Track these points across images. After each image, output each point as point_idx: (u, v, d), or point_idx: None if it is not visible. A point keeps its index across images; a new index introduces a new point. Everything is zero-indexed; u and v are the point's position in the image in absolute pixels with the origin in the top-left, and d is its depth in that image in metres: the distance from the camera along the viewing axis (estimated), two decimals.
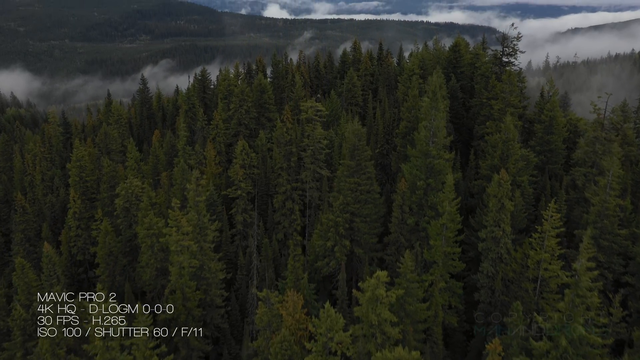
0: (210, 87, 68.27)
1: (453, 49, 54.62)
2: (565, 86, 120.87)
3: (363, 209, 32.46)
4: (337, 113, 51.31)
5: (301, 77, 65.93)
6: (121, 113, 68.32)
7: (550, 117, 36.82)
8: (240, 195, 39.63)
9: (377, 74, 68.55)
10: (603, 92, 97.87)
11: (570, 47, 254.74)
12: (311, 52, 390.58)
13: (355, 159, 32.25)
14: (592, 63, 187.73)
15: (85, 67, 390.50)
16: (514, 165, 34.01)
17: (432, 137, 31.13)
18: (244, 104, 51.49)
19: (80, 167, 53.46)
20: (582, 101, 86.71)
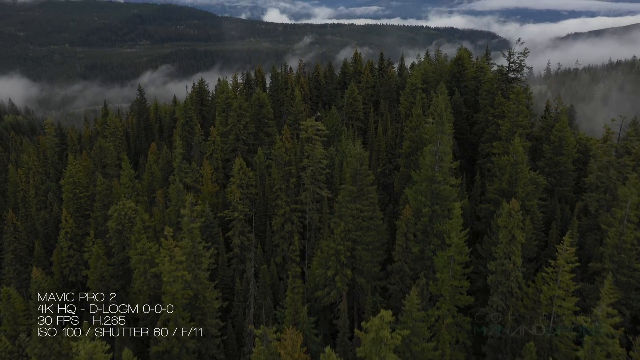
0: (208, 99, 66.93)
1: (456, 62, 53.32)
2: (567, 95, 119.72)
3: (365, 237, 30.95)
4: (338, 128, 49.92)
5: (301, 89, 64.61)
6: (117, 125, 66.91)
7: (560, 138, 35.41)
8: (237, 217, 38.12)
9: (378, 86, 67.25)
10: (607, 101, 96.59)
11: (570, 53, 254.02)
12: (311, 56, 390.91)
13: (357, 183, 30.78)
14: (594, 70, 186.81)
15: (85, 72, 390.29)
16: (523, 189, 32.55)
17: (438, 161, 29.69)
18: (242, 119, 50.09)
19: (73, 183, 52.01)
20: (587, 113, 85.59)
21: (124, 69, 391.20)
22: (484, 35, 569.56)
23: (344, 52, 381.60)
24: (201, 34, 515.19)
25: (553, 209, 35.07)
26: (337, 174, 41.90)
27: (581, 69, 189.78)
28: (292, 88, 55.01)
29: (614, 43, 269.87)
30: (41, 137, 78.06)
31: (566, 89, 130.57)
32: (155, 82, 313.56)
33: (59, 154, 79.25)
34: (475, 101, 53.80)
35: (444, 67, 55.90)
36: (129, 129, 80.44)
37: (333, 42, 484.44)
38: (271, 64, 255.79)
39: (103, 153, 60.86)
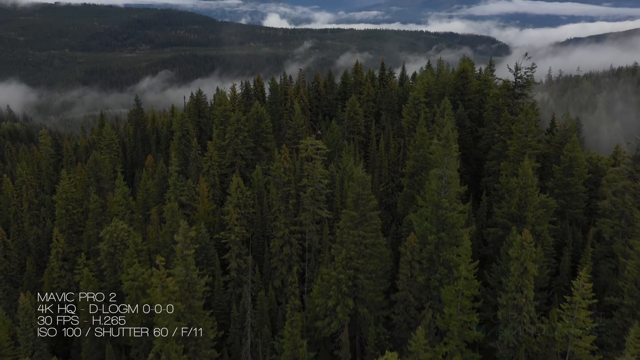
0: (206, 110, 65.57)
1: (460, 75, 52.00)
2: (570, 104, 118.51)
3: (368, 265, 29.41)
4: (339, 143, 48.50)
5: (300, 100, 63.27)
6: (113, 137, 65.50)
7: (571, 159, 33.95)
8: (234, 240, 36.58)
9: (379, 97, 65.92)
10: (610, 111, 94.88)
11: (571, 59, 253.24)
12: (311, 61, 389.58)
13: (359, 209, 29.28)
14: (595, 76, 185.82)
15: (85, 77, 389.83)
16: (533, 213, 31.06)
17: (445, 186, 28.20)
18: (240, 134, 48.69)
19: (66, 199, 50.46)
20: (591, 123, 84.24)
21: (123, 74, 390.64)
22: (483, 40, 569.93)
23: (344, 57, 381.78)
24: (201, 38, 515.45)
25: (564, 232, 33.56)
26: (338, 192, 40.42)
27: (582, 75, 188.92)
28: (291, 101, 53.63)
29: (615, 49, 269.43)
30: (36, 149, 76.56)
31: (568, 98, 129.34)
32: (155, 87, 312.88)
33: (55, 164, 77.80)
34: (480, 115, 52.45)
35: (447, 80, 54.57)
36: (125, 139, 79.12)
37: (333, 47, 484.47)
38: (271, 69, 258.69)
39: (97, 167, 59.39)
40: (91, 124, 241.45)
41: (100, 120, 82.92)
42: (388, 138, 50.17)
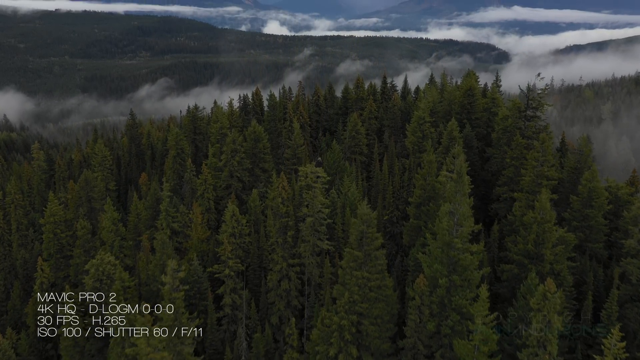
0: (202, 126, 63.26)
1: (466, 93, 49.82)
2: (575, 116, 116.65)
3: (373, 309, 26.95)
4: (340, 165, 46.19)
5: (300, 117, 61.09)
6: (105, 154, 63.14)
7: (590, 189, 31.62)
8: (229, 274, 34.12)
9: (381, 112, 63.78)
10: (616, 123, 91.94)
11: (572, 68, 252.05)
12: (311, 68, 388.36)
13: (363, 248, 26.88)
14: (597, 86, 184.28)
15: (85, 84, 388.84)
16: (551, 251, 28.65)
17: (457, 225, 25.83)
18: (236, 155, 46.39)
19: (54, 223, 48.11)
20: (597, 136, 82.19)
21: (123, 81, 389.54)
22: (483, 47, 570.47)
23: (344, 65, 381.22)
24: (201, 45, 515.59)
25: (583, 269, 31.13)
26: (339, 220, 38.02)
27: (584, 85, 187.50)
28: (290, 119, 51.44)
29: (617, 58, 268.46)
30: (26, 165, 74.18)
31: (572, 109, 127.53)
32: (154, 95, 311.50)
33: (47, 180, 75.46)
34: (488, 134, 50.22)
35: (452, 97, 52.42)
36: (120, 153, 76.79)
37: (333, 54, 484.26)
38: (271, 77, 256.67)
39: (89, 186, 57.06)
40: (89, 132, 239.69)
41: (94, 134, 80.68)
42: (392, 159, 47.86)
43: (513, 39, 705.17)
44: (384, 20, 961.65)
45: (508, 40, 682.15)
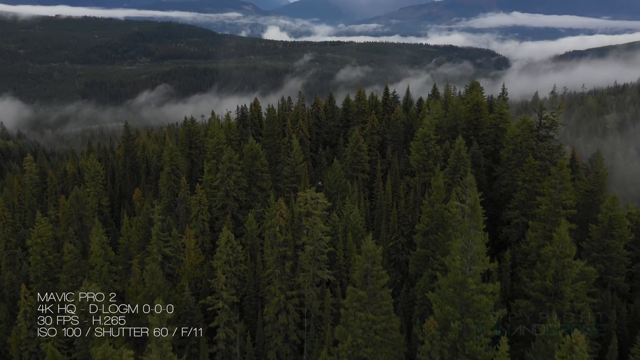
0: (198, 140, 61.18)
1: (473, 108, 47.75)
2: (579, 124, 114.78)
3: (379, 354, 24.63)
4: (341, 184, 44.00)
5: (300, 131, 59.03)
6: (98, 169, 61.01)
7: (610, 218, 29.42)
8: (223, 307, 31.81)
9: (384, 125, 61.74)
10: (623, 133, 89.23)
11: (574, 74, 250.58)
12: (311, 74, 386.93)
13: (367, 287, 24.62)
14: (599, 93, 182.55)
15: (85, 90, 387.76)
16: (571, 287, 26.38)
17: (470, 263, 23.59)
18: (233, 174, 44.21)
19: (42, 244, 45.87)
20: (605, 149, 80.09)
21: (123, 87, 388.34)
22: (483, 53, 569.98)
23: (344, 71, 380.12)
24: (201, 51, 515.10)
25: (604, 304, 28.84)
26: (341, 246, 35.77)
27: (587, 92, 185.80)
28: (289, 135, 49.31)
29: (618, 64, 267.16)
30: (17, 180, 71.91)
31: (576, 118, 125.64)
32: (154, 101, 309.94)
33: (40, 194, 73.23)
34: (495, 151, 48.11)
35: (457, 112, 50.34)
36: (115, 165, 74.65)
37: (333, 60, 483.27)
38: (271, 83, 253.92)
39: (79, 203, 54.86)
40: (87, 139, 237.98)
41: (88, 146, 78.45)
42: (395, 177, 45.69)
43: (513, 44, 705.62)
44: (384, 25, 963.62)
45: (508, 46, 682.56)
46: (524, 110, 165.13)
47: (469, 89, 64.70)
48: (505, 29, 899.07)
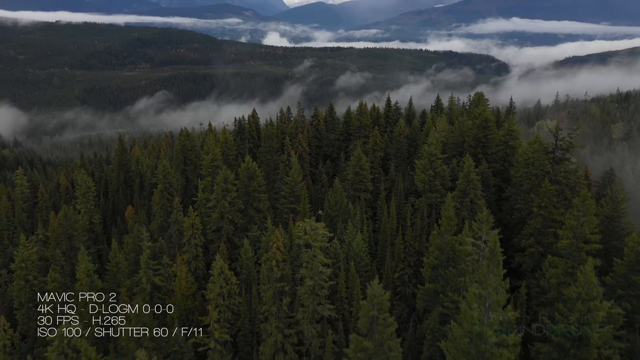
0: (192, 156, 58.69)
1: (481, 125, 45.42)
2: (584, 133, 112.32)
3: None
4: (342, 207, 41.53)
5: (299, 146, 56.67)
6: (89, 185, 58.49)
7: (637, 252, 26.93)
8: (215, 347, 29.22)
9: (386, 139, 59.37)
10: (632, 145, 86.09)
11: (576, 80, 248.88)
12: (311, 80, 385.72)
13: (373, 337, 22.08)
14: (602, 101, 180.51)
15: (84, 95, 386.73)
16: (598, 333, 23.85)
17: (488, 311, 21.08)
18: (228, 195, 41.77)
19: (26, 269, 43.29)
20: (614, 162, 77.69)
21: (122, 92, 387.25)
22: (483, 58, 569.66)
23: (344, 77, 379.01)
24: (201, 57, 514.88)
25: (633, 349, 26.28)
26: (343, 276, 33.24)
27: (590, 100, 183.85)
28: (287, 152, 46.91)
29: (620, 72, 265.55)
30: (5, 197, 69.40)
31: (581, 129, 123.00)
32: (152, 107, 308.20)
33: (30, 209, 70.74)
34: (505, 169, 45.72)
35: (464, 127, 47.98)
36: (109, 178, 72.20)
37: (333, 65, 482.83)
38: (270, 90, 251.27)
39: (68, 223, 52.33)
40: (85, 146, 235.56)
41: (81, 159, 75.92)
42: (400, 198, 43.23)
43: (512, 50, 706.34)
44: (384, 31, 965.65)
45: (508, 51, 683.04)
46: (526, 118, 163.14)
47: (474, 101, 62.51)
48: (505, 35, 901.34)
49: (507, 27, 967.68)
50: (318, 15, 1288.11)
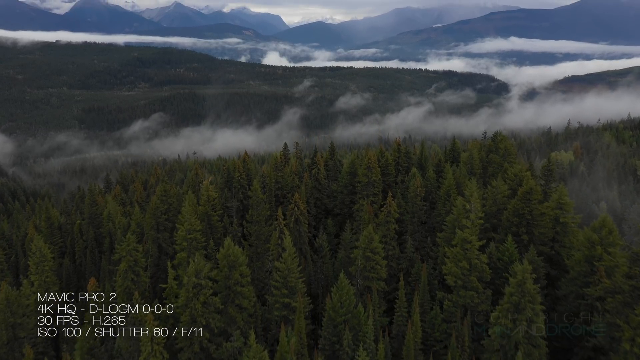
0: (167, 223, 49.07)
1: (524, 197, 36.02)
2: (604, 168, 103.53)
3: None
4: (349, 308, 31.82)
5: (295, 208, 47.24)
6: (45, 254, 48.55)
7: None
8: None
9: (398, 198, 50.00)
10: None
11: (582, 103, 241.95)
12: (310, 100, 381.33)
13: None
14: (615, 128, 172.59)
15: (82, 115, 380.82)
16: None
17: None
18: (201, 293, 32.13)
19: None
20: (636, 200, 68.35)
21: (121, 112, 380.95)
22: (482, 78, 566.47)
23: (344, 98, 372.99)
24: (200, 77, 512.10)
25: None
26: None
27: (602, 126, 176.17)
28: (280, 231, 37.34)
29: (630, 95, 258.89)
30: None
31: (598, 160, 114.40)
32: (147, 130, 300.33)
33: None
34: (556, 254, 36.22)
35: (499, 197, 38.67)
36: (75, 240, 62.15)
37: (333, 85, 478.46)
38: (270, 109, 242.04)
39: (10, 308, 42.41)
40: (78, 171, 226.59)
41: (45, 212, 65.74)
42: (424, 296, 33.61)
43: (512, 69, 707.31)
44: (383, 50, 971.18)
45: (507, 71, 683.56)
46: (537, 148, 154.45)
47: (497, 143, 53.75)
48: (503, 54, 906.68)
49: (505, 47, 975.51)
50: (318, 34, 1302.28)
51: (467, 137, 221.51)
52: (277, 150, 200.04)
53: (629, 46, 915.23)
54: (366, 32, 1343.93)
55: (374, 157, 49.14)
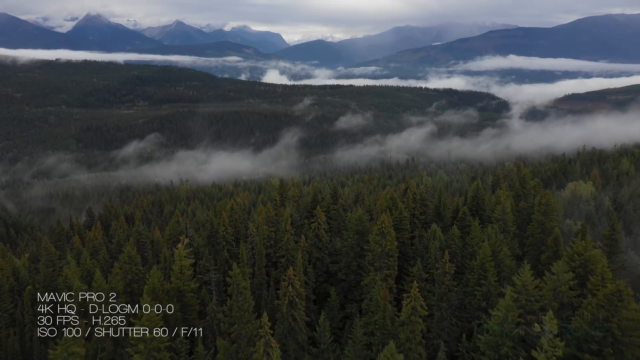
0: (138, 285, 39.46)
1: (608, 299, 26.48)
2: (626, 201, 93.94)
3: None
4: None
5: (290, 287, 37.46)
6: (4, 285, 38.72)
7: None
8: None
9: (418, 268, 40.35)
10: None
11: (590, 126, 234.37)
12: (310, 118, 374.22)
13: None
14: (629, 151, 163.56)
15: (80, 134, 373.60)
16: None
17: None
18: None
19: None
20: None
21: (119, 131, 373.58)
22: (483, 96, 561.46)
23: (344, 118, 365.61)
24: (200, 95, 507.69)
25: None
26: None
27: (616, 151, 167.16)
28: (267, 343, 27.38)
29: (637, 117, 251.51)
30: None
31: (620, 190, 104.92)
32: (142, 152, 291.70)
33: None
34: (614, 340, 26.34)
35: (561, 286, 29.04)
36: (26, 298, 52.23)
37: (333, 103, 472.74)
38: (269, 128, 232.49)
39: None
40: (69, 195, 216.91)
41: None
42: None
43: (513, 87, 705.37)
44: (382, 68, 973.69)
45: (508, 89, 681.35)
46: (553, 176, 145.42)
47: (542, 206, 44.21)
48: (503, 72, 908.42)
49: (504, 65, 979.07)
50: (318, 52, 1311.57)
51: (473, 161, 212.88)
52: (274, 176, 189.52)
53: (628, 64, 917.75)
54: (366, 50, 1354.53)
55: (388, 220, 39.65)
